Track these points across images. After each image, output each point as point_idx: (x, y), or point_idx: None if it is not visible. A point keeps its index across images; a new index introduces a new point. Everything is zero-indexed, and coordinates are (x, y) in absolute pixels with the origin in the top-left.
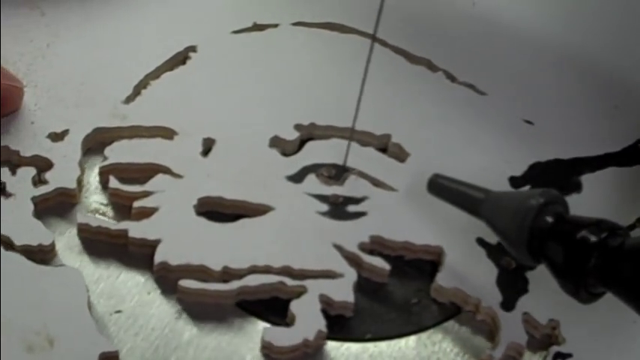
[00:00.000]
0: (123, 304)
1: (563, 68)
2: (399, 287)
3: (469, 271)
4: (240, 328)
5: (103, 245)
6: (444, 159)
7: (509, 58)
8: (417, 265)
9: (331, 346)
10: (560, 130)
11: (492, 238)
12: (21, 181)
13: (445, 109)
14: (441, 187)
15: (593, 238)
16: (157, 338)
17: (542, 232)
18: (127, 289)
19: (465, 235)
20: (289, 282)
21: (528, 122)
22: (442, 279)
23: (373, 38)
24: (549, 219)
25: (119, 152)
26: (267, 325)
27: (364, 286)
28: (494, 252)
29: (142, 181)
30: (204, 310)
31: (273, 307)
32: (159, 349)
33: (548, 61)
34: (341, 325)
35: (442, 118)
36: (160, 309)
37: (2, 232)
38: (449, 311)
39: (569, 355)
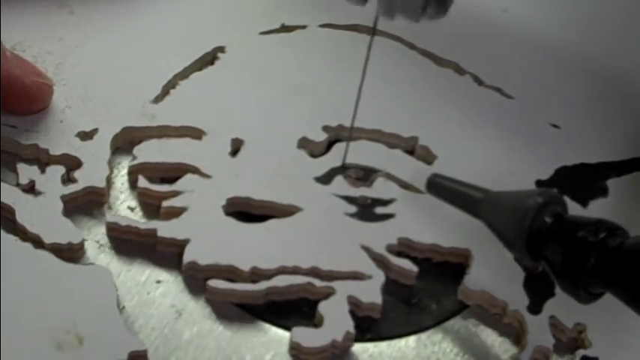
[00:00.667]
0: (123, 303)
1: (589, 73)
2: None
3: (496, 274)
4: (240, 328)
5: (130, 244)
6: (470, 162)
7: (536, 62)
8: (444, 268)
9: None
10: (586, 134)
11: None
12: (50, 180)
13: (472, 112)
14: (440, 187)
15: (592, 238)
16: (157, 338)
17: (541, 232)
18: (127, 289)
19: (493, 238)
20: (317, 283)
21: (555, 126)
22: (469, 282)
23: (373, 32)
24: (548, 219)
25: (148, 152)
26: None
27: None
28: None
29: (171, 180)
30: (204, 310)
31: (273, 309)
32: (159, 349)
33: (575, 65)
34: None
35: (469, 121)
36: (160, 309)
37: (31, 230)
38: (449, 311)
39: (596, 359)
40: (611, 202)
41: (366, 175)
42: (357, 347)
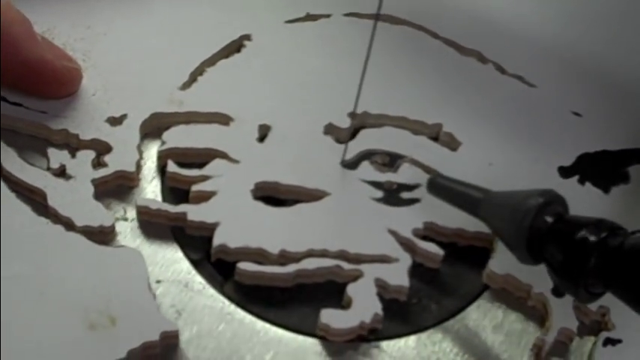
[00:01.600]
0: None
1: (611, 61)
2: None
3: None
4: (239, 328)
5: (160, 228)
6: (494, 149)
7: (557, 50)
8: (470, 252)
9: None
10: (607, 122)
11: None
12: (81, 164)
13: (495, 100)
14: (440, 188)
15: (592, 238)
16: None
17: (542, 233)
18: None
19: None
20: (345, 266)
21: (576, 114)
22: (494, 265)
23: (376, 18)
24: (549, 219)
25: (176, 137)
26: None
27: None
28: None
29: (200, 165)
30: (204, 310)
31: (272, 304)
32: None
33: (597, 53)
34: None
35: (492, 108)
36: (160, 309)
37: (63, 214)
38: (449, 311)
39: (619, 341)
40: (632, 188)
41: (391, 160)
42: (357, 347)
